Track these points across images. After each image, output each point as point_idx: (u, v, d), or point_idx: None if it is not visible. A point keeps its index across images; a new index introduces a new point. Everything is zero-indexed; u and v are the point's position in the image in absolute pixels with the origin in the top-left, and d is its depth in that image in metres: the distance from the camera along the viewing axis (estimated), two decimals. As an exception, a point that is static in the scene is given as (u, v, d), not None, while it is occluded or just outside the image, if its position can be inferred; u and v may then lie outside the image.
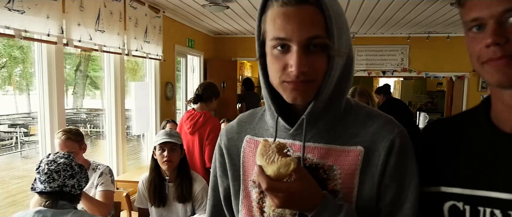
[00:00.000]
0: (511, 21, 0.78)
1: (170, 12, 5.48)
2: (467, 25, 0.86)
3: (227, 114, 6.89)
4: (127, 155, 5.03)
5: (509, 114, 0.90)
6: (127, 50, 4.24)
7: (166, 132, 2.78)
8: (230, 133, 1.12)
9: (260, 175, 0.85)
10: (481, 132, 0.96)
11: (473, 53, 0.86)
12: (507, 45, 0.79)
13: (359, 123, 0.97)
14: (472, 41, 0.86)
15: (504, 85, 0.85)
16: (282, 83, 0.89)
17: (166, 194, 2.77)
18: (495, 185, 0.88)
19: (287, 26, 0.85)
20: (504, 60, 0.80)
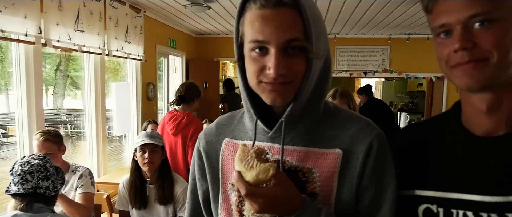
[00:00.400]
0: (477, 26, 0.81)
1: (151, 12, 5.43)
2: (435, 31, 0.89)
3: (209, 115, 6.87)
4: (109, 156, 4.97)
5: (479, 118, 0.92)
6: (108, 50, 4.19)
7: (147, 134, 2.76)
8: (209, 136, 1.11)
9: (239, 181, 0.85)
10: (452, 136, 0.98)
11: (441, 57, 0.88)
12: (474, 49, 0.81)
13: (338, 126, 0.97)
14: (440, 46, 0.88)
15: (473, 89, 0.87)
16: (259, 83, 0.89)
17: (147, 196, 2.75)
18: (467, 188, 0.90)
19: (265, 28, 0.85)
20: (472, 64, 0.82)
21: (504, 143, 0.89)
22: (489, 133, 0.92)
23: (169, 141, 3.66)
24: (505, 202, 0.86)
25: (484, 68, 0.82)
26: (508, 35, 0.81)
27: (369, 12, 5.37)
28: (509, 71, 0.84)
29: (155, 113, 5.81)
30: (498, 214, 0.86)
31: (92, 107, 4.30)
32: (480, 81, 0.84)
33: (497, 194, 0.86)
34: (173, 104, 3.75)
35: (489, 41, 0.80)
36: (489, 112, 0.90)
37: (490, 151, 0.90)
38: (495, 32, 0.80)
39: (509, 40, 0.81)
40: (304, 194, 0.93)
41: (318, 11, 0.92)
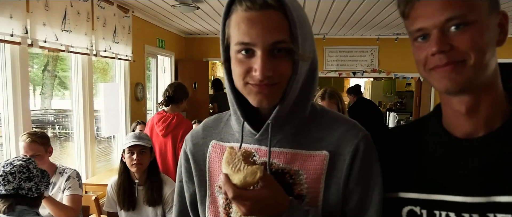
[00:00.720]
0: (453, 30, 0.82)
1: (139, 12, 5.40)
2: (413, 35, 0.90)
3: (199, 115, 6.85)
4: (97, 157, 4.93)
5: (458, 120, 0.94)
6: (95, 50, 4.15)
7: (135, 135, 2.74)
8: (196, 138, 1.11)
9: (226, 184, 0.84)
10: (434, 138, 0.99)
11: (419, 61, 0.90)
12: (452, 52, 0.83)
13: (324, 128, 0.98)
14: (418, 50, 0.89)
15: (451, 91, 0.88)
16: (246, 85, 0.89)
17: (135, 197, 2.73)
18: (449, 189, 0.92)
19: (251, 30, 0.85)
20: (449, 66, 0.84)
21: (484, 144, 0.90)
22: (469, 135, 0.93)
23: (158, 142, 3.64)
24: (486, 203, 0.87)
25: (462, 70, 0.84)
26: (483, 37, 0.83)
27: (358, 12, 5.40)
28: (486, 72, 0.86)
29: (144, 114, 5.78)
30: (480, 215, 0.87)
31: (80, 108, 4.26)
32: (458, 83, 0.85)
33: (478, 195, 0.88)
34: (161, 105, 3.73)
35: (466, 43, 0.82)
36: (468, 114, 0.91)
37: (470, 153, 0.91)
38: (471, 35, 0.82)
39: (485, 42, 0.83)
40: (291, 196, 0.93)
41: (304, 13, 0.92)
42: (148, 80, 6.15)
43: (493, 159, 0.89)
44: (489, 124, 0.91)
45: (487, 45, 0.83)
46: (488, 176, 0.88)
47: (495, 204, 0.86)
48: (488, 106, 0.91)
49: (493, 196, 0.86)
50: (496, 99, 0.91)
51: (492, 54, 0.85)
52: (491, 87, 0.90)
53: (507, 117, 0.91)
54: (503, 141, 0.89)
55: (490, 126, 0.91)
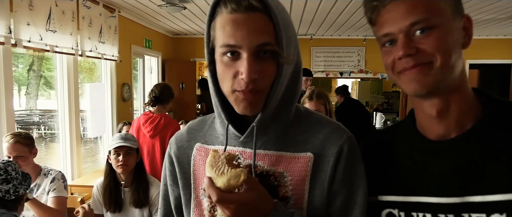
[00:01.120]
0: (419, 34, 0.85)
1: (126, 11, 5.36)
2: (381, 41, 0.93)
3: (186, 116, 6.83)
4: (84, 157, 4.89)
5: (430, 123, 0.96)
6: (81, 50, 4.11)
7: (121, 136, 2.71)
8: (180, 141, 1.10)
9: (210, 187, 0.84)
10: (409, 142, 1.01)
11: (388, 65, 0.92)
12: (418, 54, 0.85)
13: (309, 130, 0.98)
14: (386, 55, 0.92)
15: (420, 93, 0.90)
16: (233, 92, 0.88)
17: (122, 199, 2.70)
18: (425, 191, 0.94)
19: (237, 33, 0.84)
20: (417, 68, 0.86)
21: (456, 145, 0.92)
22: (442, 137, 0.95)
23: (146, 143, 3.62)
24: (461, 203, 0.89)
25: (429, 71, 0.86)
26: (448, 39, 0.85)
27: (345, 13, 5.43)
28: (453, 74, 0.88)
29: (131, 114, 5.74)
30: (455, 215, 0.89)
31: (65, 108, 4.22)
32: (426, 85, 0.87)
33: (453, 195, 0.90)
34: (148, 106, 3.71)
35: (431, 46, 0.84)
36: (439, 117, 0.94)
37: (443, 154, 0.93)
38: (436, 37, 0.84)
39: (450, 44, 0.85)
40: (276, 198, 0.93)
41: (288, 16, 0.93)
42: (134, 80, 6.11)
43: (465, 159, 0.90)
44: (460, 125, 0.93)
45: (452, 47, 0.86)
46: (461, 177, 0.90)
47: (469, 204, 0.88)
48: (458, 108, 0.93)
49: (467, 196, 0.88)
50: (465, 101, 0.94)
51: (458, 56, 0.88)
52: (460, 89, 0.92)
53: (478, 118, 0.92)
54: (474, 141, 0.91)
55: (461, 127, 0.93)
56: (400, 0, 0.86)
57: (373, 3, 0.90)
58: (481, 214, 0.86)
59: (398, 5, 0.86)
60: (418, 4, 0.84)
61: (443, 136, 0.95)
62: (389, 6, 0.87)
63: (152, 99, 3.67)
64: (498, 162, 0.87)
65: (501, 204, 0.84)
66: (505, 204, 0.84)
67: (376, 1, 0.89)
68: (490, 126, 0.90)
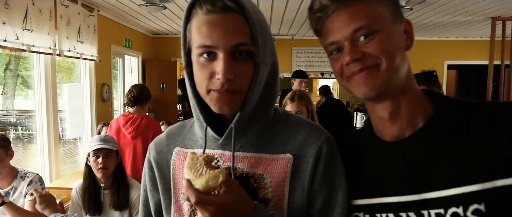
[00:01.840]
0: (363, 39, 0.89)
1: (105, 11, 5.29)
2: (328, 50, 0.97)
3: (167, 116, 6.77)
4: (63, 158, 4.81)
5: (384, 125, 1.00)
6: (59, 50, 4.04)
7: (100, 138, 2.68)
8: (159, 146, 1.09)
9: (188, 189, 0.83)
10: (368, 145, 1.04)
11: (337, 72, 0.96)
12: (364, 58, 0.89)
13: (288, 131, 0.99)
14: (335, 62, 0.96)
15: (369, 96, 0.93)
16: (208, 92, 0.89)
17: (101, 202, 2.67)
18: (386, 191, 0.97)
19: (213, 33, 0.85)
20: (364, 71, 0.90)
21: (409, 144, 0.95)
22: (397, 138, 0.98)
23: (127, 145, 3.58)
24: (419, 200, 0.92)
25: (376, 74, 0.90)
26: (390, 42, 0.90)
27: (326, 13, 5.44)
28: (399, 75, 0.92)
29: (111, 115, 5.67)
30: (415, 213, 0.92)
31: (43, 108, 4.14)
32: (374, 88, 0.91)
33: (411, 193, 0.93)
34: (127, 106, 3.68)
35: (376, 49, 0.88)
36: (392, 119, 0.97)
37: (399, 154, 0.96)
38: (379, 41, 0.89)
39: (392, 46, 0.90)
40: (256, 200, 0.93)
41: (264, 18, 0.94)
42: (114, 79, 6.04)
43: (419, 157, 0.93)
44: (413, 125, 0.96)
45: (395, 49, 0.90)
46: (418, 174, 0.93)
47: (427, 201, 0.91)
48: (409, 109, 0.96)
49: (424, 193, 0.91)
50: (415, 101, 0.97)
51: (402, 58, 0.92)
52: (407, 90, 0.96)
53: (429, 116, 0.96)
54: (426, 139, 0.94)
55: (414, 126, 0.96)
56: (342, 10, 0.90)
57: (317, 15, 0.94)
58: (439, 210, 0.89)
59: (340, 14, 0.90)
60: (359, 12, 0.89)
61: (397, 137, 0.98)
62: (332, 16, 0.91)
63: (130, 99, 3.64)
64: (450, 157, 0.90)
65: (456, 197, 0.87)
66: (460, 197, 0.87)
67: (319, 12, 0.93)
68: (440, 123, 0.94)
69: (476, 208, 0.85)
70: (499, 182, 0.84)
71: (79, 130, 5.10)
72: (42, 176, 2.94)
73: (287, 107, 2.80)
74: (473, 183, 0.86)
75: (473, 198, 0.85)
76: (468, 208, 0.86)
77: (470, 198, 0.86)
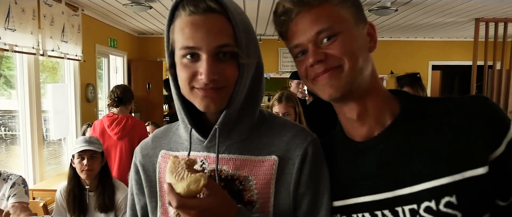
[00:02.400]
0: (326, 41, 0.91)
1: (89, 10, 5.23)
2: (293, 53, 0.98)
3: (153, 117, 6.73)
4: (47, 159, 4.74)
5: (353, 126, 1.02)
6: (42, 50, 3.98)
7: (85, 139, 2.64)
8: (145, 150, 1.09)
9: (170, 193, 0.82)
10: (340, 147, 1.05)
11: (302, 74, 0.98)
12: (328, 59, 0.91)
13: (273, 133, 0.99)
14: (300, 65, 0.97)
15: (335, 97, 0.95)
16: (192, 89, 0.89)
17: (86, 204, 2.63)
18: (360, 191, 0.98)
19: (195, 34, 0.85)
20: (328, 73, 0.92)
21: (379, 142, 0.97)
22: (367, 137, 1.00)
23: (113, 146, 3.55)
24: (393, 197, 0.93)
25: (340, 75, 0.91)
26: (353, 43, 0.92)
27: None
28: (363, 76, 0.94)
29: (96, 115, 5.61)
30: (390, 210, 0.94)
31: (26, 109, 4.07)
32: (339, 88, 0.92)
33: (385, 191, 0.94)
34: (111, 107, 3.65)
35: (339, 50, 0.90)
36: (360, 120, 0.99)
37: (370, 153, 0.98)
38: (342, 42, 0.90)
39: (355, 48, 0.92)
40: (242, 202, 0.93)
41: (247, 19, 0.94)
42: (99, 79, 5.97)
43: (389, 154, 0.95)
44: (381, 123, 0.98)
45: (358, 51, 0.92)
46: (389, 172, 0.94)
47: (400, 197, 0.92)
48: (376, 108, 0.98)
49: (397, 189, 0.93)
50: (382, 100, 1.00)
51: (366, 60, 0.94)
52: (373, 90, 0.98)
53: (396, 114, 0.98)
54: (395, 136, 0.96)
55: (382, 125, 0.98)
56: (305, 13, 0.92)
57: (281, 18, 0.95)
58: (412, 205, 0.91)
59: (303, 17, 0.92)
60: (321, 15, 0.91)
61: (367, 136, 0.99)
62: (296, 19, 0.93)
63: (115, 100, 3.61)
64: (419, 152, 0.92)
65: (428, 192, 0.89)
66: (432, 191, 0.89)
67: (283, 16, 0.94)
68: (407, 120, 0.96)
69: (448, 200, 0.88)
70: (468, 173, 0.87)
71: (64, 131, 5.03)
72: (25, 178, 2.89)
73: (275, 108, 2.79)
74: (443, 176, 0.89)
75: (444, 190, 0.88)
76: (440, 201, 0.88)
77: (442, 191, 0.88)
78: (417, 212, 0.90)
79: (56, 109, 4.79)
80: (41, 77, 4.33)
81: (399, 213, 0.92)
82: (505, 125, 0.89)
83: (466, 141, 0.88)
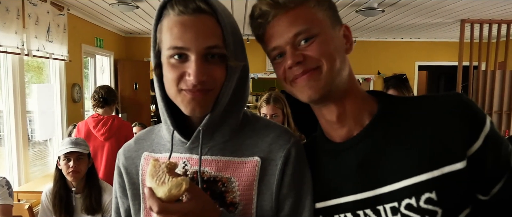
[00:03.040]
0: (303, 43, 0.91)
1: (75, 9, 5.18)
2: (271, 55, 0.98)
3: (140, 117, 6.68)
4: (32, 160, 4.67)
5: (332, 127, 1.02)
6: (27, 50, 3.92)
7: (72, 141, 2.61)
8: (128, 152, 1.08)
9: (150, 198, 0.80)
10: (321, 148, 1.05)
11: (281, 76, 0.98)
12: (306, 61, 0.91)
13: (256, 134, 0.98)
14: (278, 67, 0.97)
15: (313, 99, 0.95)
16: (179, 91, 0.88)
17: (73, 206, 2.61)
18: (341, 192, 0.98)
19: (185, 35, 0.84)
20: (307, 75, 0.92)
21: (358, 142, 0.98)
22: (346, 137, 1.00)
23: (100, 147, 3.52)
24: (374, 196, 0.94)
25: (318, 76, 0.92)
26: (330, 45, 0.92)
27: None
28: (341, 77, 0.95)
29: (82, 116, 5.55)
30: (371, 209, 0.94)
31: (10, 109, 4.01)
32: (318, 90, 0.93)
33: (366, 190, 0.95)
34: (96, 108, 3.62)
35: (316, 52, 0.91)
36: (340, 121, 0.99)
37: (350, 153, 0.98)
38: (319, 44, 0.91)
39: (332, 49, 0.92)
40: (224, 204, 0.92)
41: (235, 21, 0.94)
42: (86, 79, 5.91)
43: (369, 153, 0.96)
44: (360, 123, 0.99)
45: (335, 52, 0.93)
46: (369, 171, 0.95)
47: (381, 196, 0.93)
48: (354, 108, 0.99)
49: (378, 188, 0.93)
50: (360, 101, 1.00)
51: (343, 61, 0.95)
52: (351, 91, 0.99)
53: (374, 113, 0.99)
54: (373, 135, 0.96)
55: (361, 125, 0.99)
56: (281, 15, 0.91)
57: (257, 21, 0.95)
58: (393, 203, 0.92)
59: (280, 19, 0.92)
60: (298, 17, 0.91)
61: (347, 137, 1.00)
62: (272, 22, 0.92)
63: (100, 100, 3.58)
64: (397, 150, 0.93)
65: (408, 189, 0.90)
66: (412, 188, 0.89)
67: (260, 19, 0.94)
68: (385, 119, 0.97)
69: (428, 196, 0.88)
70: (446, 169, 0.88)
71: (49, 132, 4.97)
72: (9, 180, 2.84)
73: (263, 110, 2.79)
74: (422, 172, 0.89)
75: (424, 187, 0.89)
76: (420, 198, 0.89)
77: (421, 187, 0.89)
78: (398, 209, 0.91)
79: (41, 110, 4.73)
80: (26, 77, 4.27)
81: (380, 211, 0.93)
82: (481, 119, 0.90)
83: (443, 137, 0.89)
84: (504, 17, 5.54)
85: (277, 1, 0.91)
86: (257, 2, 0.95)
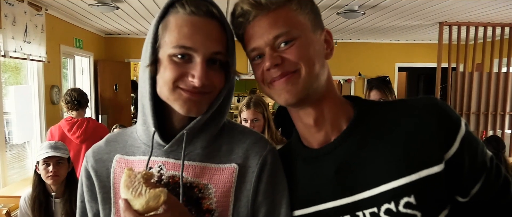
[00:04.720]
0: (283, 46, 0.91)
1: (54, 10, 5.08)
2: (250, 56, 0.97)
3: (121, 119, 6.60)
4: (10, 163, 4.56)
5: (310, 132, 1.01)
6: (4, 51, 3.84)
7: (51, 145, 2.57)
8: (98, 154, 1.04)
9: (126, 210, 0.78)
10: (298, 155, 1.04)
11: (259, 77, 0.97)
12: (284, 64, 0.91)
13: (233, 141, 0.98)
14: (256, 68, 0.96)
15: (291, 102, 0.94)
16: (175, 89, 0.87)
17: (52, 211, 2.57)
18: (319, 199, 0.97)
19: (194, 36, 0.84)
20: (285, 77, 0.91)
21: (335, 148, 0.97)
22: (324, 143, 1.00)
23: (77, 149, 3.47)
24: (353, 202, 0.93)
25: (297, 80, 0.91)
26: (309, 49, 0.92)
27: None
28: (319, 82, 0.94)
29: (61, 118, 5.43)
30: (351, 215, 0.94)
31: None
32: (295, 94, 0.92)
33: (345, 196, 0.94)
34: (70, 110, 3.57)
35: (295, 55, 0.90)
36: (317, 125, 0.99)
37: (327, 159, 0.98)
38: (298, 47, 0.90)
39: (312, 54, 0.92)
40: (200, 210, 0.91)
41: None
42: (65, 80, 5.81)
43: (346, 159, 0.95)
44: (337, 128, 0.99)
45: (314, 57, 0.92)
46: (347, 176, 0.94)
47: (361, 202, 0.93)
48: (332, 112, 0.99)
49: (357, 194, 0.93)
50: (337, 106, 1.00)
51: (322, 66, 0.94)
52: (329, 96, 0.99)
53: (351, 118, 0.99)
54: (351, 140, 0.96)
55: (339, 129, 0.99)
56: (262, 16, 0.91)
57: (238, 20, 0.94)
58: (373, 208, 0.91)
59: (261, 20, 0.91)
60: (279, 19, 0.90)
61: (324, 142, 0.99)
62: (253, 22, 0.92)
63: (74, 103, 3.54)
64: (375, 155, 0.93)
65: (387, 193, 0.90)
66: (390, 193, 0.89)
67: (241, 18, 0.93)
68: (362, 123, 0.97)
69: (406, 201, 0.88)
70: (424, 172, 0.88)
71: (28, 134, 4.87)
72: (-14, 185, 2.79)
73: (243, 114, 2.76)
74: (400, 177, 0.89)
75: (402, 191, 0.89)
76: (399, 202, 0.89)
77: (400, 192, 0.89)
78: (377, 215, 0.91)
79: (19, 112, 4.63)
80: (3, 78, 4.17)
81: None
82: (456, 122, 0.91)
83: (420, 141, 0.90)
84: (481, 20, 5.64)
85: (259, 1, 0.90)
86: (239, 0, 0.94)
